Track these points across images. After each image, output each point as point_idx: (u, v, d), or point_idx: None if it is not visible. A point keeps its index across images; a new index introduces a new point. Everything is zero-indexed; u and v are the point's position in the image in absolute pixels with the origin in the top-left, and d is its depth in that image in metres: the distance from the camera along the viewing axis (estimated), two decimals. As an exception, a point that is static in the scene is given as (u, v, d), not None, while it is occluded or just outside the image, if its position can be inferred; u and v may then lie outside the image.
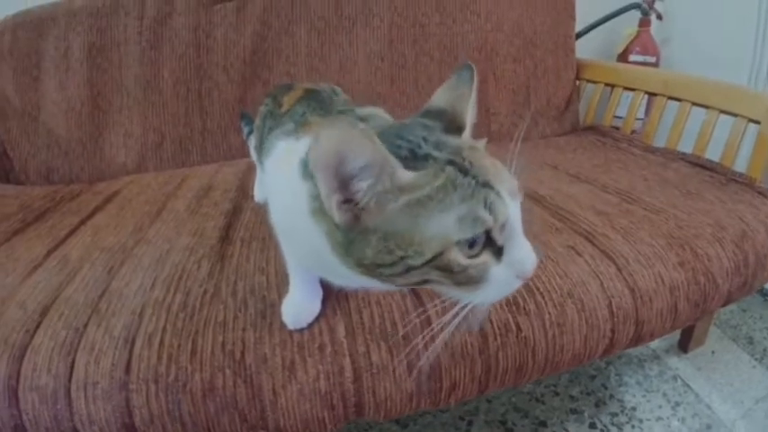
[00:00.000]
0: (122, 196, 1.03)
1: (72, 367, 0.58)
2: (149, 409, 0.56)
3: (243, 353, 0.57)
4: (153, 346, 0.58)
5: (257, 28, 1.23)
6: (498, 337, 0.61)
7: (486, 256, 0.40)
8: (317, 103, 0.68)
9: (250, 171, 1.05)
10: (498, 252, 0.41)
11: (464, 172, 0.39)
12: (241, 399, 0.55)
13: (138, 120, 1.21)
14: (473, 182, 0.39)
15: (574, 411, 1.04)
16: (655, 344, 1.22)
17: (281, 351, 0.57)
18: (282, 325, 0.59)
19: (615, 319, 0.68)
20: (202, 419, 0.56)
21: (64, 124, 1.22)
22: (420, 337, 0.57)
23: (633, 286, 0.70)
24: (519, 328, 0.62)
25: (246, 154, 1.16)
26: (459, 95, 0.47)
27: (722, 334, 1.25)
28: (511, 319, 0.62)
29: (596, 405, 1.05)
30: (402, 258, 0.39)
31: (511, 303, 0.63)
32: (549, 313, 0.64)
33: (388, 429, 1.01)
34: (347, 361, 0.57)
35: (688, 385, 1.09)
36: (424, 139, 0.42)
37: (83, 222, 0.92)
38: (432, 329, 0.51)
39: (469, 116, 0.48)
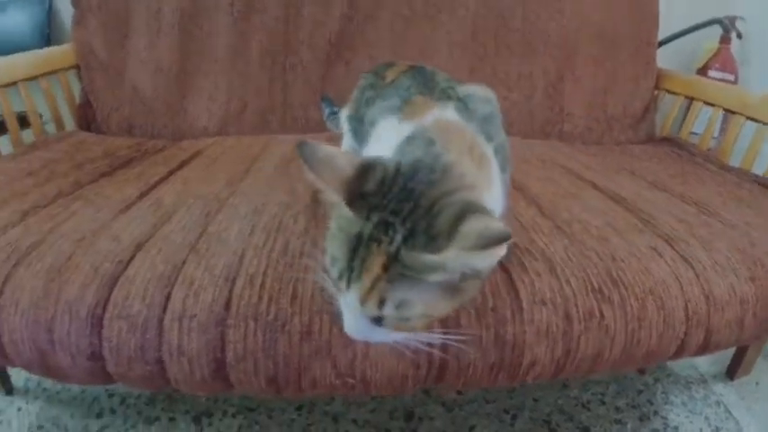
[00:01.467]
0: (207, 155, 1.07)
1: (168, 299, 0.61)
2: (245, 345, 0.59)
3: (341, 302, 0.59)
4: (254, 287, 0.61)
5: (345, 10, 1.26)
6: (582, 322, 0.62)
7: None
8: (422, 79, 0.70)
9: (331, 142, 1.08)
10: None
11: (359, 241, 0.43)
12: (335, 345, 0.58)
13: (223, 86, 1.26)
14: (347, 263, 0.44)
15: (618, 422, 1.04)
16: (703, 368, 1.20)
17: (377, 306, 0.59)
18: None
19: (689, 323, 0.68)
20: (295, 361, 0.58)
21: (150, 83, 1.28)
22: (508, 310, 0.59)
23: (708, 293, 0.70)
24: (602, 316, 0.63)
25: (324, 128, 1.19)
26: (469, 241, 0.40)
27: (768, 366, 1.22)
28: (596, 306, 0.63)
29: (640, 419, 1.05)
30: None
31: (596, 290, 0.64)
32: (632, 306, 0.65)
33: (434, 410, 1.03)
34: (437, 323, 0.58)
35: (730, 412, 1.07)
36: (395, 204, 0.44)
37: (172, 173, 0.97)
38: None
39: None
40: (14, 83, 1.10)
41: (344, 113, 0.91)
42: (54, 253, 0.67)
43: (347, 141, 0.93)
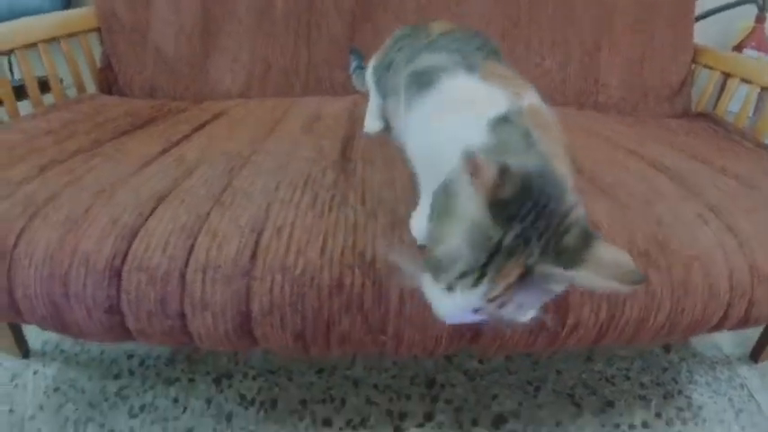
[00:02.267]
0: (230, 115, 1.05)
1: (191, 250, 0.58)
2: (271, 298, 0.56)
3: (374, 256, 0.57)
4: (282, 239, 0.58)
5: (373, -31, 1.22)
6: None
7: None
8: (494, 49, 0.65)
9: (357, 105, 1.05)
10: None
11: (498, 249, 0.43)
12: (367, 300, 0.56)
13: (246, 47, 1.23)
14: (479, 266, 0.43)
15: (642, 398, 1.02)
16: (728, 349, 1.18)
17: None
18: (412, 240, 0.59)
19: (733, 293, 0.66)
20: (324, 315, 0.56)
21: (173, 44, 1.25)
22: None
23: (752, 264, 0.67)
24: (649, 281, 0.60)
25: (349, 91, 1.16)
26: (605, 270, 0.42)
27: (790, 352, 1.19)
28: (642, 270, 0.60)
29: (664, 397, 1.03)
30: None
31: (643, 254, 0.61)
32: (678, 272, 0.62)
33: (455, 378, 1.01)
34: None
35: (753, 395, 1.05)
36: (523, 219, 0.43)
37: (195, 130, 0.95)
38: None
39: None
40: (35, 44, 1.08)
41: (371, 65, 0.87)
42: (71, 205, 0.65)
43: (373, 99, 0.90)
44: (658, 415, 0.98)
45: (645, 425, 0.96)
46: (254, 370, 1.01)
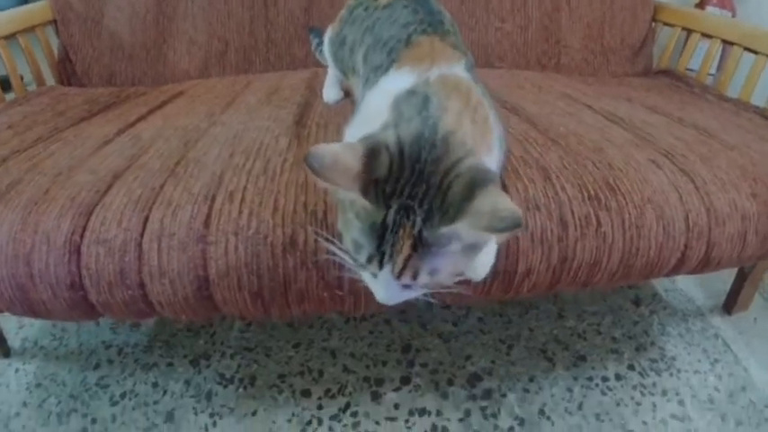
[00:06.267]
0: (189, 94, 1.04)
1: (146, 221, 0.59)
2: (227, 260, 0.57)
3: (325, 213, 0.57)
4: (234, 202, 0.59)
5: (327, -63, 1.20)
6: (578, 228, 0.60)
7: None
8: (427, 15, 0.65)
9: (316, 77, 1.05)
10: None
11: (384, 228, 0.44)
12: (321, 256, 0.56)
13: (202, 27, 1.21)
14: (375, 249, 0.44)
15: (614, 351, 1.03)
16: (700, 301, 1.20)
17: (363, 215, 0.57)
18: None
19: (690, 234, 0.67)
20: (280, 274, 0.57)
21: (128, 29, 1.23)
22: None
23: (709, 206, 0.68)
24: (599, 223, 0.61)
25: (309, 64, 1.15)
26: (481, 220, 0.41)
27: (765, 303, 1.21)
28: (592, 213, 0.61)
29: (636, 349, 1.04)
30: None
31: (593, 198, 0.62)
32: (630, 213, 0.63)
33: (430, 342, 1.02)
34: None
35: (728, 346, 1.06)
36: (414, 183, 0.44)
37: (152, 111, 0.94)
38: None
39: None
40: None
41: (327, 36, 0.87)
42: (32, 189, 0.65)
43: (331, 69, 0.90)
44: (631, 367, 1.00)
45: (618, 377, 0.98)
46: (232, 349, 1.01)
